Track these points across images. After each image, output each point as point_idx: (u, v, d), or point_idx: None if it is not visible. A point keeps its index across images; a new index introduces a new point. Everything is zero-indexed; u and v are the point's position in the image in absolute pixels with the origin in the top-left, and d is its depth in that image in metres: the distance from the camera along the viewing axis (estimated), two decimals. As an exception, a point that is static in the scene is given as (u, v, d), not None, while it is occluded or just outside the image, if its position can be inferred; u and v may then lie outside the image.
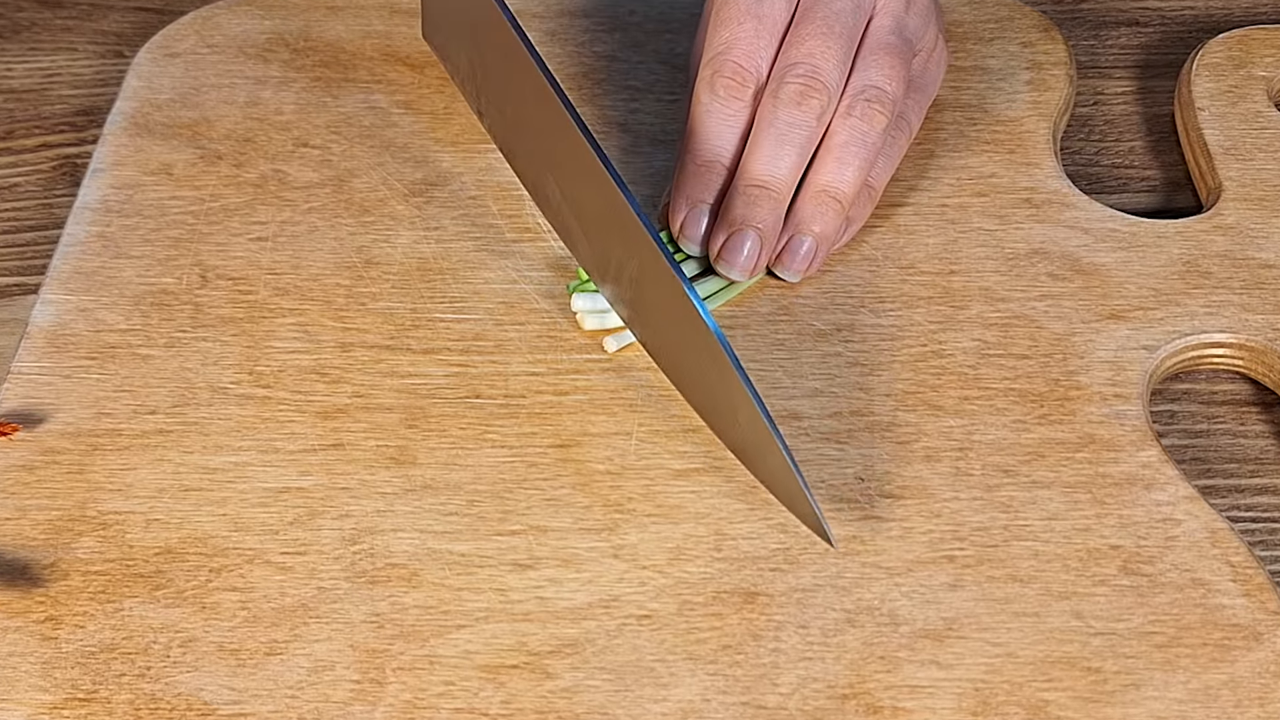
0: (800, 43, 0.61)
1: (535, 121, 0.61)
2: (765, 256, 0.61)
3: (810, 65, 0.61)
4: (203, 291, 0.64)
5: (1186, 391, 0.62)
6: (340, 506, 0.57)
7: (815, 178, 0.62)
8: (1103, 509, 0.56)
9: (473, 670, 0.52)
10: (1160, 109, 0.72)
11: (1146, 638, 0.53)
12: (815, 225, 0.61)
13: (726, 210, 0.61)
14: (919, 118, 0.66)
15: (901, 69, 0.62)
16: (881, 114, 0.62)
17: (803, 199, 0.62)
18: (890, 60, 0.62)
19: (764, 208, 0.60)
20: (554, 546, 0.55)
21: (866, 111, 0.61)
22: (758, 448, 0.55)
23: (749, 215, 0.60)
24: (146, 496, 0.57)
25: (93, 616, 0.54)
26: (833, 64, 0.61)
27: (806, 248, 0.61)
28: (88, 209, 0.67)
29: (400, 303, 0.63)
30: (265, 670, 0.53)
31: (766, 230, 0.61)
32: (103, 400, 0.60)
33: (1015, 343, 0.61)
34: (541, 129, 0.61)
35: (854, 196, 0.62)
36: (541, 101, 0.60)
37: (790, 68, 0.61)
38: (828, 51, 0.61)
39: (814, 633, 0.53)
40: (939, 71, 0.68)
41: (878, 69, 0.62)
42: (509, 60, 0.61)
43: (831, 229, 0.62)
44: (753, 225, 0.60)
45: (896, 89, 0.62)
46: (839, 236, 0.63)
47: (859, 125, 0.61)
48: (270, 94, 0.72)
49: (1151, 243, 0.64)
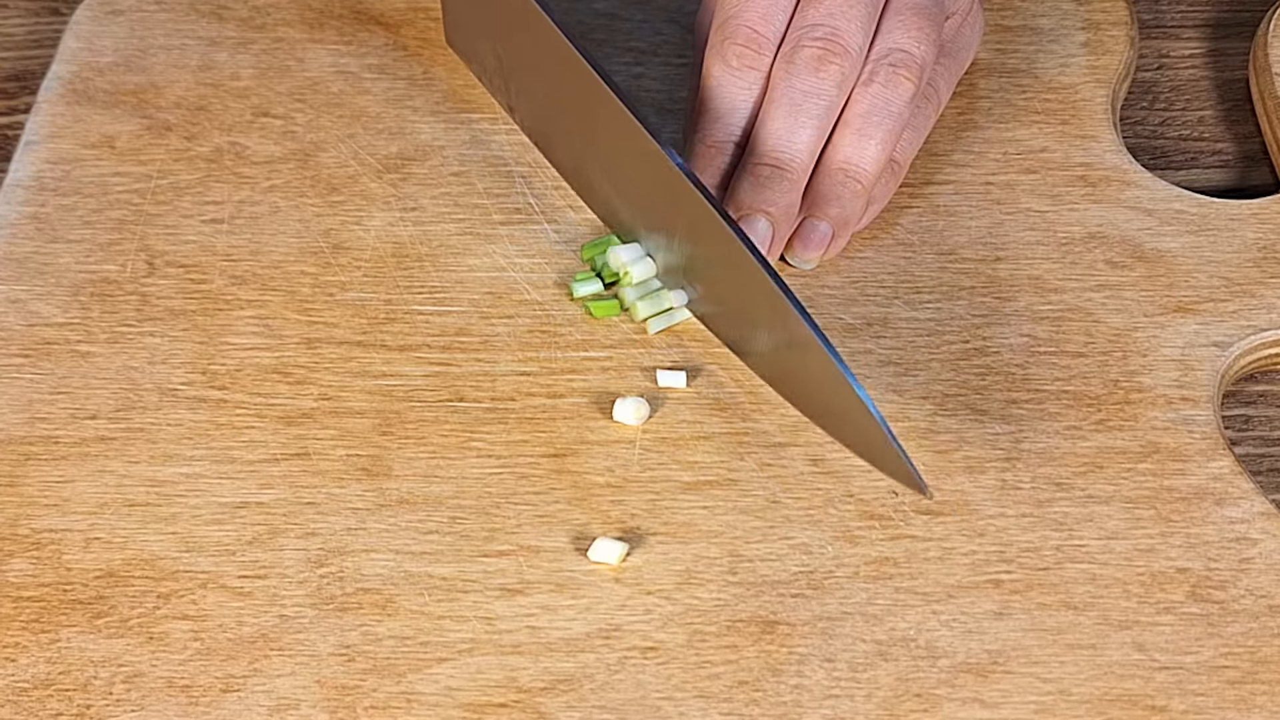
0: (818, 2, 0.61)
1: (570, 97, 0.62)
2: (779, 244, 0.61)
3: (829, 26, 0.61)
4: (150, 280, 0.64)
5: (1263, 394, 0.62)
6: (305, 524, 0.57)
7: (834, 154, 0.62)
8: (1168, 527, 0.56)
9: (455, 709, 0.52)
10: (1233, 74, 0.72)
11: (1218, 673, 0.53)
12: (833, 208, 0.62)
13: (734, 192, 0.61)
14: (949, 88, 0.66)
15: (932, 31, 0.63)
16: (908, 81, 0.62)
17: (819, 178, 0.62)
18: (919, 22, 0.62)
19: (776, 190, 0.61)
20: (547, 569, 0.56)
21: (892, 78, 0.62)
22: (830, 401, 0.56)
23: (759, 199, 0.61)
24: (86, 513, 0.57)
25: (25, 648, 0.54)
26: (855, 25, 0.61)
27: (821, 233, 0.62)
28: (19, 187, 0.67)
29: (373, 293, 0.63)
30: (221, 709, 0.53)
31: (778, 215, 0.61)
32: (37, 403, 0.60)
33: (1069, 339, 0.61)
34: (576, 103, 0.62)
35: (877, 175, 0.62)
36: (575, 74, 0.60)
37: (807, 29, 0.61)
38: (849, 11, 0.61)
39: (841, 667, 0.53)
40: (974, 37, 0.68)
41: (904, 31, 0.62)
42: (538, 42, 0.62)
43: (851, 211, 0.62)
44: (762, 210, 0.60)
45: (926, 53, 0.62)
46: (859, 219, 0.63)
47: (883, 93, 0.62)
48: (226, 56, 0.72)
49: (1223, 225, 0.64)
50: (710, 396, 0.60)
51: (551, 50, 0.62)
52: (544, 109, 0.65)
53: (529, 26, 0.63)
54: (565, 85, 0.62)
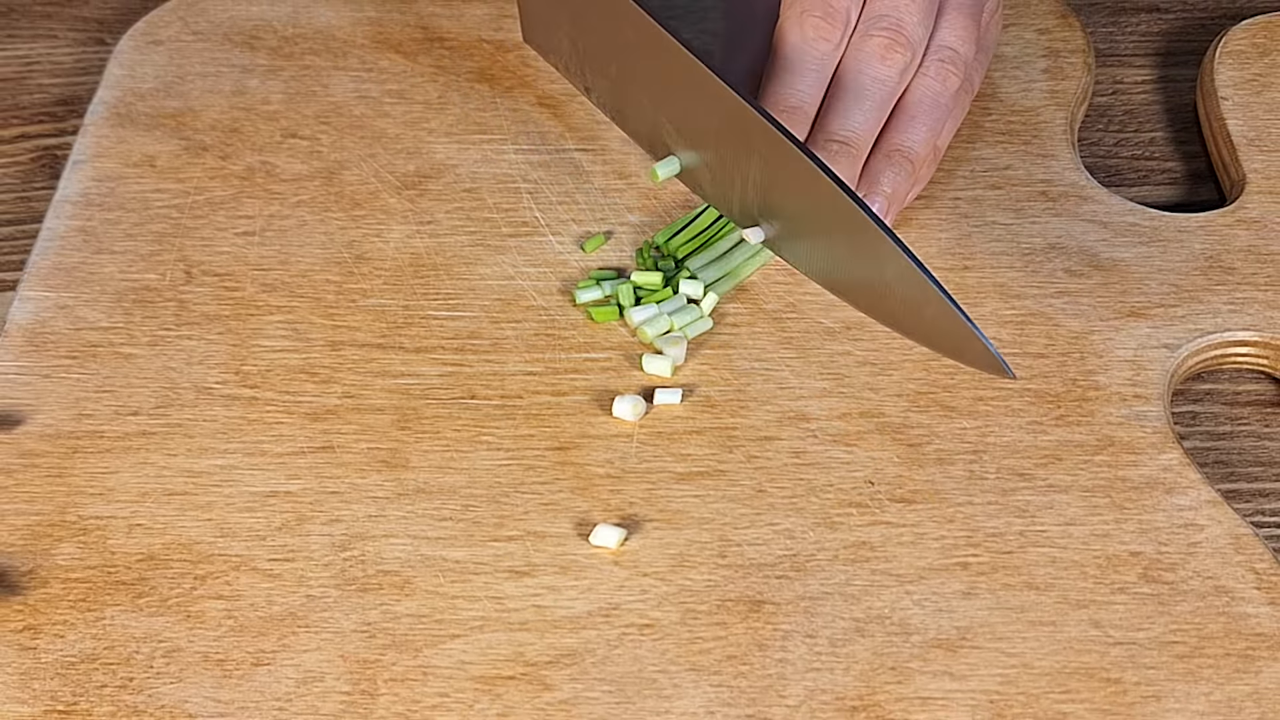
0: None
1: (643, 62, 0.62)
2: None
3: (895, 19, 0.62)
4: (187, 288, 0.64)
5: (1209, 392, 0.62)
6: (330, 511, 0.57)
7: (890, 136, 0.63)
8: (1122, 514, 0.56)
9: (468, 681, 0.52)
10: (1182, 98, 0.72)
11: (1168, 647, 0.52)
12: (887, 185, 0.62)
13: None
14: (980, 80, 0.67)
15: (974, 30, 0.64)
16: (955, 75, 0.63)
17: (876, 158, 0.63)
18: (964, 21, 0.64)
19: (841, 165, 0.61)
20: (552, 553, 0.55)
21: (941, 72, 0.63)
22: (913, 303, 0.56)
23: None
24: (129, 501, 0.57)
25: (73, 625, 0.54)
26: (917, 19, 0.62)
27: (878, 207, 0.62)
28: (68, 202, 0.67)
29: (392, 299, 0.63)
30: (252, 681, 0.53)
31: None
32: (83, 401, 0.60)
33: (1031, 341, 0.61)
34: (651, 69, 0.62)
35: (925, 156, 0.63)
36: (648, 37, 0.61)
37: (877, 19, 0.62)
38: (912, 5, 0.62)
39: (822, 642, 0.53)
40: (998, 34, 0.69)
41: (951, 29, 0.64)
42: (614, 22, 0.62)
43: (903, 189, 0.63)
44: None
45: (969, 50, 0.64)
46: (908, 195, 0.64)
47: (934, 85, 0.63)
48: (257, 83, 0.72)
49: (1173, 237, 0.64)
50: (702, 395, 0.60)
51: (628, 25, 0.62)
52: (618, 83, 0.65)
53: (605, 10, 0.63)
54: (641, 55, 0.62)
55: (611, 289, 0.63)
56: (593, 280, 0.63)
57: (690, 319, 0.61)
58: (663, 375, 0.60)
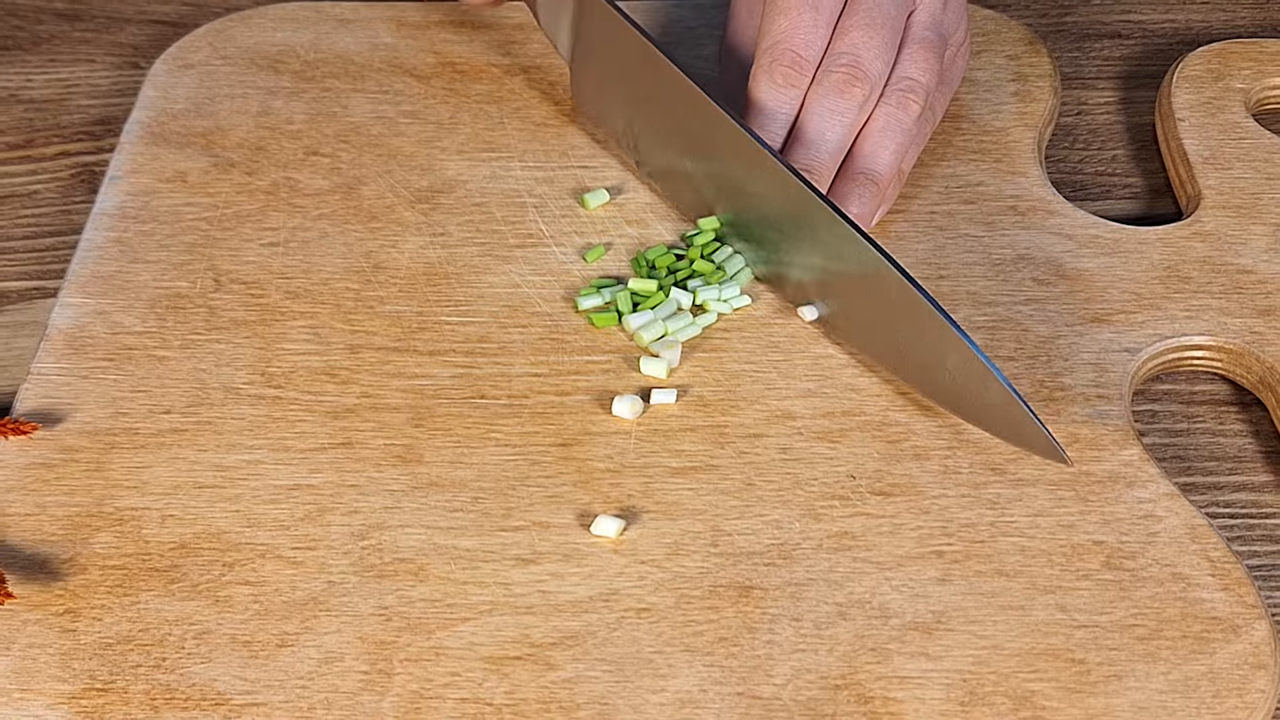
0: (846, 33, 0.63)
1: (698, 139, 0.63)
2: None
3: (854, 55, 0.62)
4: (216, 295, 0.64)
5: (1167, 392, 0.62)
6: (349, 503, 0.57)
7: (854, 161, 0.63)
8: (1086, 506, 0.56)
9: (477, 662, 0.52)
10: (1142, 119, 0.72)
11: (1128, 630, 0.52)
12: (854, 206, 0.62)
13: None
14: (943, 109, 0.67)
15: (935, 62, 0.64)
16: (916, 103, 0.63)
17: (842, 180, 0.63)
18: (925, 54, 0.64)
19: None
20: (556, 542, 0.55)
21: (902, 100, 0.63)
22: (972, 386, 0.56)
23: None
24: (162, 493, 0.57)
25: (110, 609, 0.54)
26: (875, 54, 0.62)
27: None
28: (105, 215, 0.67)
29: (407, 306, 0.63)
30: (277, 661, 0.53)
31: None
32: (119, 400, 0.60)
33: (1002, 345, 0.61)
34: (706, 145, 0.63)
35: (890, 179, 0.63)
36: (704, 116, 0.61)
37: (836, 57, 0.63)
38: (870, 42, 0.62)
39: (807, 625, 0.53)
40: (964, 65, 0.69)
41: (912, 62, 0.64)
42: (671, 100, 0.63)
43: (869, 209, 0.63)
44: None
45: (930, 81, 0.64)
46: (874, 216, 0.64)
47: (895, 113, 0.63)
48: (281, 104, 0.72)
49: (1133, 249, 0.64)
50: (695, 395, 0.60)
51: (682, 105, 0.62)
52: (671, 157, 0.65)
53: (659, 86, 0.63)
54: (690, 125, 0.63)
55: (611, 296, 0.63)
56: (593, 288, 0.63)
57: (683, 324, 0.61)
58: (659, 376, 0.60)
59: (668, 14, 0.75)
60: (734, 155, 0.62)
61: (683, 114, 0.63)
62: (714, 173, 0.63)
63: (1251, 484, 0.59)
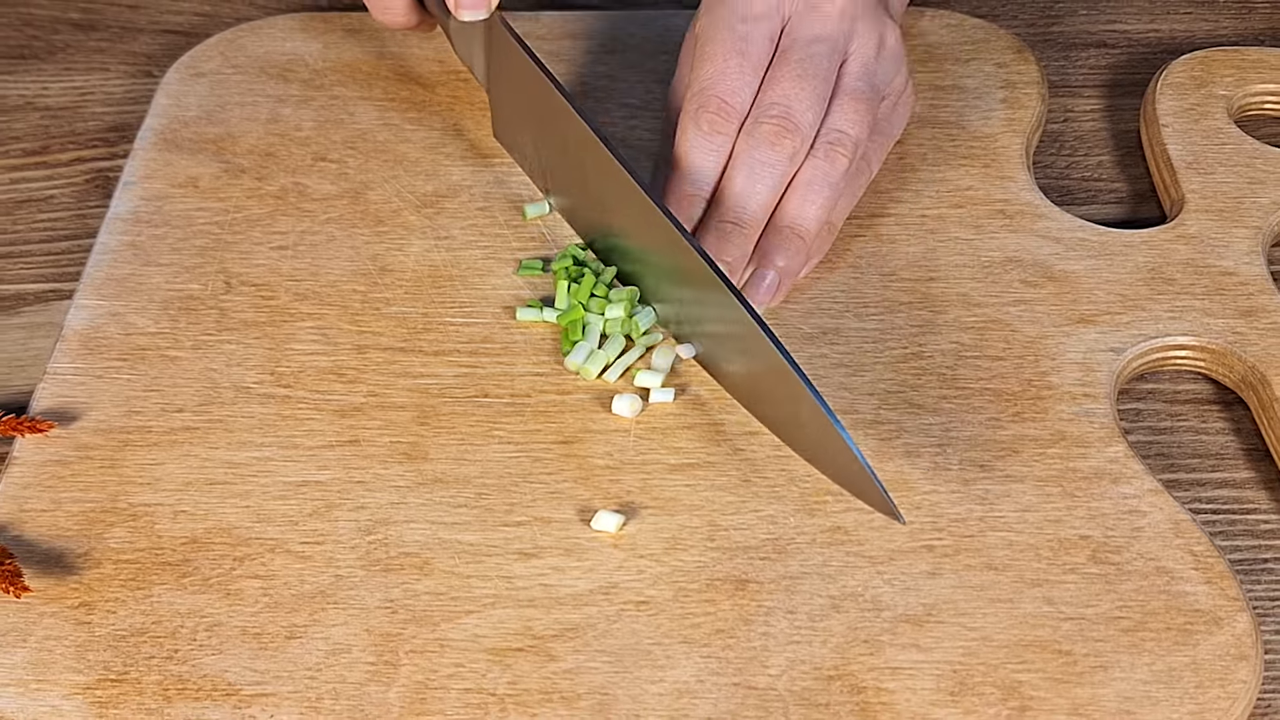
0: (776, 84, 0.61)
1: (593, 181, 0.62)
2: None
3: (784, 107, 0.61)
4: (227, 297, 0.64)
5: (1151, 391, 0.62)
6: (356, 499, 0.57)
7: (781, 214, 0.62)
8: (1073, 501, 0.56)
9: (481, 653, 0.52)
10: (1127, 126, 0.72)
11: (1114, 622, 0.53)
12: (780, 260, 0.61)
13: (701, 242, 0.60)
14: (880, 159, 0.66)
15: (867, 115, 0.62)
16: (844, 157, 0.62)
17: (769, 234, 0.62)
18: (856, 106, 0.62)
19: (734, 243, 0.60)
20: (557, 537, 0.55)
21: (830, 154, 0.61)
22: (822, 445, 0.55)
23: (720, 249, 0.60)
24: (174, 489, 0.57)
25: (124, 602, 0.54)
26: (805, 105, 0.61)
27: (769, 280, 0.61)
28: (119, 219, 0.67)
29: (412, 307, 0.63)
30: (286, 653, 0.53)
31: (734, 264, 0.60)
32: (133, 399, 0.60)
33: (991, 345, 0.61)
34: (599, 186, 0.62)
35: (816, 232, 0.62)
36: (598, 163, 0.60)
37: (767, 108, 0.61)
38: (801, 94, 0.61)
39: (801, 618, 0.53)
40: (905, 115, 0.67)
41: (842, 114, 0.62)
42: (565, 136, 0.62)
43: (795, 264, 0.61)
44: (722, 259, 0.60)
45: (860, 133, 0.62)
46: (800, 269, 0.62)
47: (823, 166, 0.61)
48: (290, 111, 0.72)
49: (1118, 251, 0.64)
50: (692, 394, 0.60)
51: (578, 142, 0.61)
52: (571, 191, 0.65)
53: (558, 126, 0.62)
54: (589, 171, 0.62)
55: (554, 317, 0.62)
56: (537, 303, 0.62)
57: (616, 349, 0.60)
58: (654, 386, 0.60)
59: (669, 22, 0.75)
60: (617, 198, 0.61)
61: (577, 154, 0.62)
62: (600, 209, 0.63)
63: (1233, 480, 0.59)
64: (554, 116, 0.63)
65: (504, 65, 0.65)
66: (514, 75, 0.65)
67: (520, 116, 0.66)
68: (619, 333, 0.61)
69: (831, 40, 0.62)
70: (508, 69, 0.65)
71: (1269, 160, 0.67)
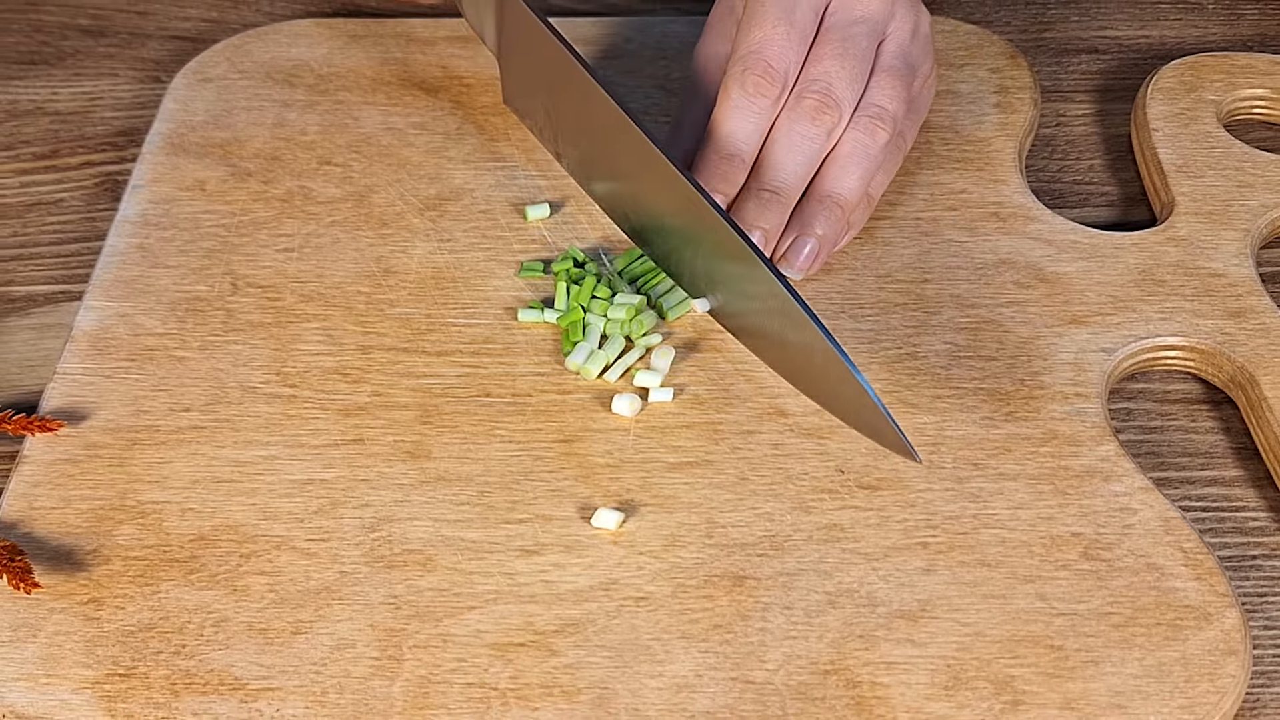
0: (819, 61, 0.62)
1: (605, 140, 0.62)
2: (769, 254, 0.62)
3: (826, 84, 0.62)
4: (234, 298, 0.64)
5: (1142, 391, 0.62)
6: (360, 497, 0.57)
7: (821, 184, 0.62)
8: (1065, 499, 0.56)
9: (483, 648, 0.52)
10: (1118, 130, 0.72)
11: (1105, 618, 0.53)
12: (819, 228, 0.62)
13: (739, 210, 0.61)
14: (913, 137, 0.67)
15: (904, 91, 0.63)
16: (884, 130, 0.62)
17: (808, 202, 0.62)
18: (894, 83, 0.63)
19: (773, 212, 0.61)
20: (558, 534, 0.56)
21: (870, 127, 0.62)
22: (834, 387, 0.56)
23: (759, 218, 0.61)
24: (182, 487, 0.57)
25: (132, 598, 0.54)
26: (846, 82, 0.62)
27: (810, 248, 0.62)
28: (128, 222, 0.67)
29: (416, 308, 0.63)
30: (291, 648, 0.53)
31: (771, 232, 0.61)
32: (141, 399, 0.60)
33: (984, 346, 0.61)
34: (613, 149, 0.62)
35: (855, 203, 0.63)
36: (610, 120, 0.61)
37: (810, 83, 0.62)
38: (842, 72, 0.62)
39: (798, 613, 0.53)
40: (931, 95, 0.68)
41: (880, 90, 0.63)
42: (581, 100, 0.62)
43: (834, 231, 0.62)
44: (759, 226, 0.61)
45: (898, 109, 0.63)
46: (840, 239, 0.63)
47: (863, 139, 0.62)
48: (296, 116, 0.72)
49: (1110, 253, 0.64)
50: (691, 393, 0.60)
51: (590, 102, 0.62)
52: (584, 152, 0.65)
53: (571, 85, 0.63)
54: (601, 129, 0.62)
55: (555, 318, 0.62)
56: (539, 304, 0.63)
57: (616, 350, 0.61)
58: (653, 386, 0.60)
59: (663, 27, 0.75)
60: (634, 159, 0.61)
61: (592, 116, 0.62)
62: (618, 173, 0.63)
63: (1223, 479, 0.59)
64: (566, 80, 0.63)
65: (516, 31, 0.66)
66: (526, 41, 0.65)
67: (532, 82, 0.66)
68: (619, 333, 0.61)
69: (872, 21, 0.63)
70: (520, 35, 0.66)
71: (1258, 164, 0.67)
